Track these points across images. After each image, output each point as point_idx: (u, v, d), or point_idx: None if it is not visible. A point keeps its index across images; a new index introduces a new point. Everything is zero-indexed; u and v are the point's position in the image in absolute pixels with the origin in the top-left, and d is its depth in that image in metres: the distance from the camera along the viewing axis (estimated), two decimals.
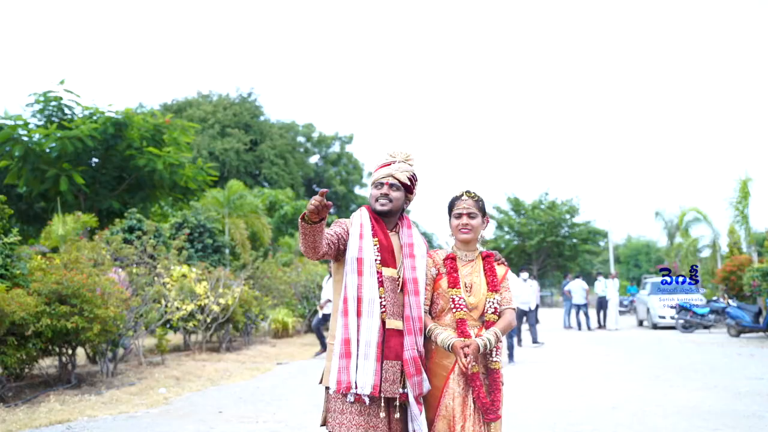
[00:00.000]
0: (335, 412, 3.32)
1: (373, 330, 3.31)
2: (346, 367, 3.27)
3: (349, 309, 3.34)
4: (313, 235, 3.17)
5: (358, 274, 3.37)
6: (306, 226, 3.14)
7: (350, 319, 3.33)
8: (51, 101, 19.19)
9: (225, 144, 40.95)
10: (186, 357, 12.82)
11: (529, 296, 16.24)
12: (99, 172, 20.01)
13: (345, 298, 3.37)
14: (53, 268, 9.08)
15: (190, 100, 45.93)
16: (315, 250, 3.24)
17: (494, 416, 3.35)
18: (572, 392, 8.71)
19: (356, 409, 3.28)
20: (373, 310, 3.33)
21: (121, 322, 9.87)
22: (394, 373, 3.31)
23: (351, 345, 3.30)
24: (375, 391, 3.25)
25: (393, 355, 3.32)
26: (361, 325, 3.32)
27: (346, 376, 3.26)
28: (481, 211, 3.60)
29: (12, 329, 8.20)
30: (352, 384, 3.25)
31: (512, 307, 3.53)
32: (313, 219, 3.10)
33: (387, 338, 3.33)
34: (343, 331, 3.32)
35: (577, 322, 21.67)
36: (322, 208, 3.06)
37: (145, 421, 7.06)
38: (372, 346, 3.29)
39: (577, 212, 47.40)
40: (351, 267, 3.39)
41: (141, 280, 10.71)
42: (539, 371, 11.00)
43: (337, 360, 3.30)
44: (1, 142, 18.64)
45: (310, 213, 3.07)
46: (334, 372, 3.30)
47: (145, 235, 11.97)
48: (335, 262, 3.53)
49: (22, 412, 7.45)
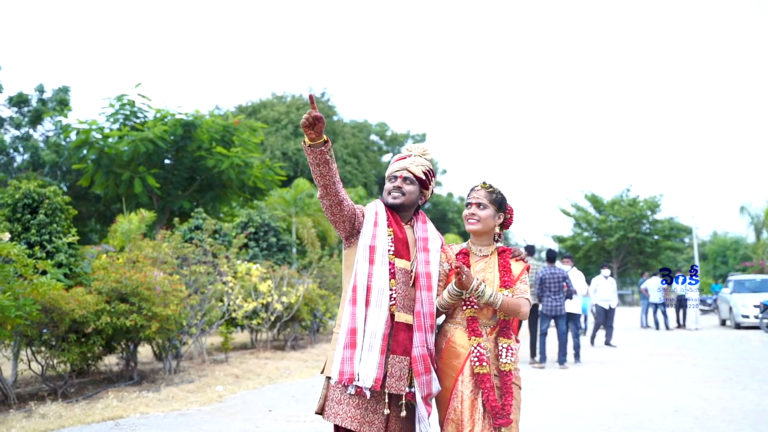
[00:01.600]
0: (333, 401, 3.19)
1: (381, 321, 3.16)
2: (350, 358, 3.13)
3: (358, 298, 3.20)
4: (321, 165, 3.05)
5: (369, 263, 3.24)
6: (310, 152, 3.03)
7: (358, 309, 3.19)
8: (124, 105, 19.72)
9: (298, 144, 41.35)
10: (250, 355, 12.92)
11: (610, 293, 15.76)
12: (171, 173, 20.47)
13: (354, 286, 3.23)
14: (114, 267, 9.26)
15: (264, 101, 46.63)
16: (331, 189, 3.11)
17: (504, 421, 3.12)
18: (634, 394, 8.31)
19: (354, 402, 3.14)
20: (382, 301, 3.19)
21: (184, 319, 10.02)
22: (401, 369, 3.15)
23: (357, 335, 3.16)
24: (377, 384, 3.09)
25: (401, 350, 3.16)
26: (368, 316, 3.17)
27: (349, 367, 3.12)
28: (493, 204, 3.38)
29: (74, 327, 8.40)
30: (355, 376, 3.10)
31: (526, 297, 3.28)
32: (311, 137, 3.00)
33: (395, 331, 3.18)
34: (350, 321, 3.19)
35: (655, 321, 20.87)
36: (314, 121, 2.95)
37: (194, 419, 7.09)
38: (378, 338, 3.14)
39: (659, 208, 45.92)
40: (363, 254, 3.25)
41: (201, 279, 10.81)
42: (604, 372, 10.57)
43: (342, 350, 3.17)
44: (77, 146, 19.30)
45: (304, 129, 2.97)
46: (337, 362, 3.17)
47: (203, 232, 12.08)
48: (346, 247, 3.39)
49: (79, 408, 7.59)
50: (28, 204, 9.40)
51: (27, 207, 9.40)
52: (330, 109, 47.21)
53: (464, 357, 3.23)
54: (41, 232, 9.27)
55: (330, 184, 3.12)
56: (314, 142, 3.03)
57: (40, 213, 9.34)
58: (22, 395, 8.37)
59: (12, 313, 6.99)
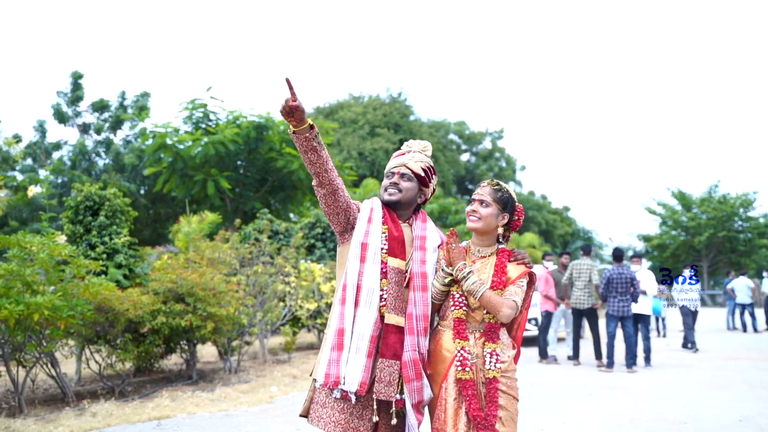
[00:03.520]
0: (317, 404, 3.06)
1: (369, 323, 2.99)
2: (337, 360, 2.98)
3: (347, 297, 3.05)
4: (308, 152, 2.98)
5: (360, 261, 3.09)
6: (296, 139, 2.97)
7: (347, 309, 3.04)
8: (197, 108, 20.12)
9: (374, 144, 41.44)
10: (314, 356, 12.91)
11: (695, 294, 15.04)
12: (243, 175, 20.76)
13: (344, 285, 3.08)
14: (170, 268, 9.39)
15: (341, 102, 46.91)
16: (323, 178, 3.03)
17: None
18: (700, 401, 7.82)
19: (339, 406, 2.99)
20: (372, 301, 3.02)
21: (244, 319, 10.08)
22: (391, 374, 2.96)
23: (345, 336, 3.00)
24: (362, 389, 2.92)
25: (390, 354, 2.97)
26: (357, 316, 3.02)
27: (335, 369, 2.97)
28: (498, 203, 3.14)
29: (130, 327, 8.55)
30: (341, 379, 2.94)
31: (514, 300, 3.00)
32: (293, 124, 2.93)
33: (385, 334, 3.00)
34: (338, 321, 3.04)
35: (742, 323, 19.83)
36: (291, 110, 2.88)
37: (237, 420, 7.06)
38: (365, 340, 2.97)
39: (752, 205, 43.75)
40: (354, 252, 3.11)
41: (260, 279, 10.85)
42: (674, 377, 10.03)
43: (328, 351, 3.02)
44: (153, 150, 19.82)
45: (284, 117, 2.92)
46: (323, 364, 3.02)
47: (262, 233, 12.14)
48: (341, 244, 3.25)
49: (131, 407, 7.68)
50: (89, 206, 9.63)
51: (88, 209, 9.63)
52: (407, 108, 47.12)
53: (449, 362, 3.02)
54: (101, 233, 9.48)
55: (322, 172, 3.03)
56: (297, 128, 2.95)
57: (101, 215, 9.56)
58: (82, 393, 8.56)
59: (65, 313, 7.14)
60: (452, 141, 50.82)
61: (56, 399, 8.16)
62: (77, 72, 23.92)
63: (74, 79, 23.97)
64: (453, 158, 48.49)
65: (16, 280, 7.08)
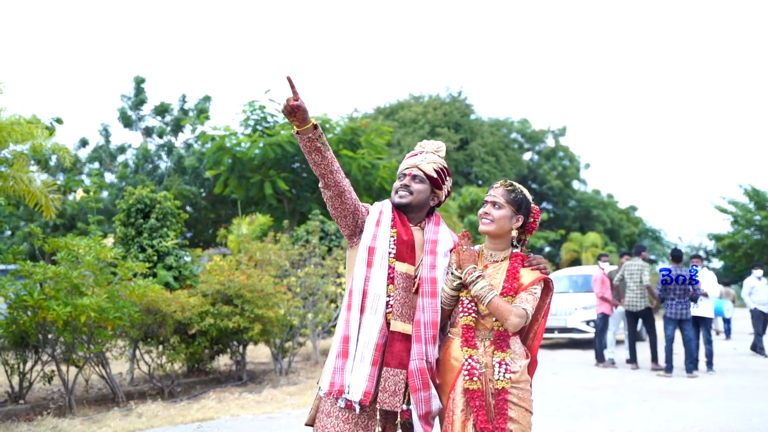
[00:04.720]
0: (322, 413, 2.96)
1: (374, 330, 2.89)
2: (341, 368, 2.89)
3: (353, 303, 2.95)
4: (312, 153, 2.91)
5: (367, 266, 2.99)
6: (300, 139, 2.90)
7: (352, 315, 2.94)
8: (255, 110, 20.33)
9: None
10: None
11: (765, 295, 14.42)
12: (300, 176, 20.90)
13: (351, 290, 2.99)
14: (219, 270, 9.45)
15: (402, 102, 46.84)
16: (329, 179, 2.95)
17: None
18: (759, 409, 7.43)
19: (344, 416, 2.89)
20: (377, 307, 2.92)
21: (296, 321, 10.09)
22: (396, 383, 2.85)
23: (350, 344, 2.91)
24: (366, 398, 2.82)
25: (396, 363, 2.86)
26: (362, 323, 2.92)
27: (340, 377, 2.88)
28: (511, 204, 2.97)
29: (179, 328, 8.64)
30: (345, 388, 2.85)
31: (524, 308, 2.84)
32: (296, 124, 2.85)
33: (390, 342, 2.89)
34: (344, 327, 2.96)
35: None
36: (292, 110, 2.81)
37: (279, 423, 7.03)
38: (370, 347, 2.88)
39: None
40: (362, 256, 3.01)
41: (310, 281, 10.84)
42: (736, 382, 9.59)
43: (334, 359, 2.93)
44: (212, 153, 20.12)
45: (286, 117, 2.85)
46: (328, 372, 2.94)
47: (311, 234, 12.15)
48: (350, 247, 3.16)
49: (177, 408, 7.75)
50: (140, 209, 9.80)
51: (140, 212, 9.79)
52: (467, 107, 46.74)
53: (457, 371, 2.89)
54: (152, 235, 9.62)
55: (326, 173, 2.95)
56: (301, 128, 2.87)
57: (152, 217, 9.71)
58: (132, 394, 8.68)
59: (111, 315, 7.26)
60: (514, 140, 50.13)
61: (107, 399, 8.29)
62: (139, 77, 24.54)
63: (137, 84, 24.59)
64: (515, 157, 47.84)
65: (64, 282, 7.22)
